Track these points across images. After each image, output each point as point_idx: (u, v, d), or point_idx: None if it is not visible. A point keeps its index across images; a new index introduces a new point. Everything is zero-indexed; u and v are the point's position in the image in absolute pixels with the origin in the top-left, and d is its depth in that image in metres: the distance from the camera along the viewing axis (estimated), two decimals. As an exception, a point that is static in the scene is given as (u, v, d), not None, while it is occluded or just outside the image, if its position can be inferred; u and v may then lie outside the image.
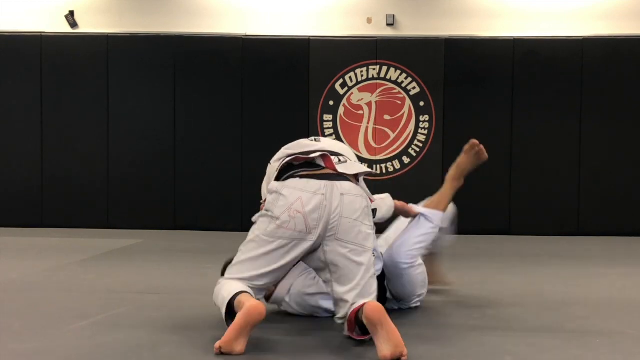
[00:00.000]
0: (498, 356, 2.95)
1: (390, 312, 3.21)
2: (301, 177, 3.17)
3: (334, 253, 3.10)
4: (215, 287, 3.22)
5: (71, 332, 3.29)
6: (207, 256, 6.06)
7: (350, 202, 3.12)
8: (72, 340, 3.15)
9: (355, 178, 3.27)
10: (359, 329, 3.01)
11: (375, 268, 3.26)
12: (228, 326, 3.00)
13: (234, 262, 3.22)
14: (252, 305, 2.88)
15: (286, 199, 3.10)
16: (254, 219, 3.27)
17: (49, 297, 4.14)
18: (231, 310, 3.01)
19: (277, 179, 3.25)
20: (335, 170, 3.21)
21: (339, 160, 3.28)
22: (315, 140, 3.48)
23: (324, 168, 3.23)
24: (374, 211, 3.56)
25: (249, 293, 3.05)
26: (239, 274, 3.15)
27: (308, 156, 3.27)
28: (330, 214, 3.08)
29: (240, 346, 2.86)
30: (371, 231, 3.21)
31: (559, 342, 3.18)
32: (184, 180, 8.10)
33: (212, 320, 3.52)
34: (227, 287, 3.11)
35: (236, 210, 7.93)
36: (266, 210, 3.17)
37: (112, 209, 8.15)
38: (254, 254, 3.14)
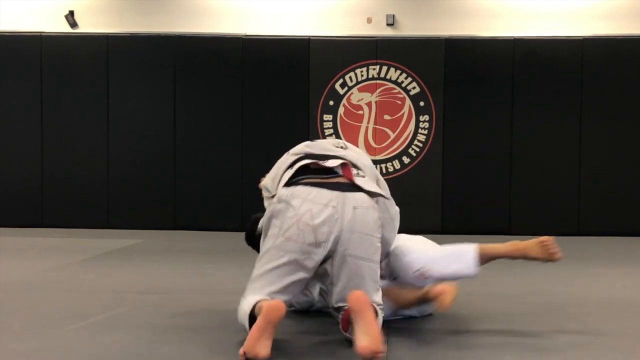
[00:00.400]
0: (498, 356, 2.95)
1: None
2: (313, 184, 3.07)
3: (341, 267, 3.03)
4: (239, 305, 3.11)
5: (71, 332, 3.28)
6: (207, 256, 6.06)
7: (363, 215, 3.04)
8: (72, 340, 3.15)
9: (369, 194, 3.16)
10: (352, 329, 2.95)
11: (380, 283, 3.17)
12: None
13: (252, 276, 3.11)
14: (270, 305, 2.81)
15: (295, 211, 3.01)
16: (260, 223, 3.20)
17: (49, 297, 4.14)
18: (254, 320, 2.89)
19: (289, 180, 3.15)
20: (352, 181, 3.12)
21: (358, 174, 3.19)
22: (342, 147, 3.36)
23: (340, 176, 3.14)
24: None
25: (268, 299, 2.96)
26: (258, 292, 3.04)
27: (326, 163, 3.17)
28: (342, 229, 2.99)
29: (264, 349, 2.74)
30: (380, 244, 3.13)
31: (559, 342, 3.18)
32: (184, 180, 8.10)
33: (212, 320, 3.52)
34: (248, 300, 3.04)
35: (236, 210, 7.93)
36: (275, 218, 3.07)
37: (112, 209, 8.15)
38: (267, 267, 3.05)
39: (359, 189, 3.11)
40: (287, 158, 3.31)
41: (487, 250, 3.45)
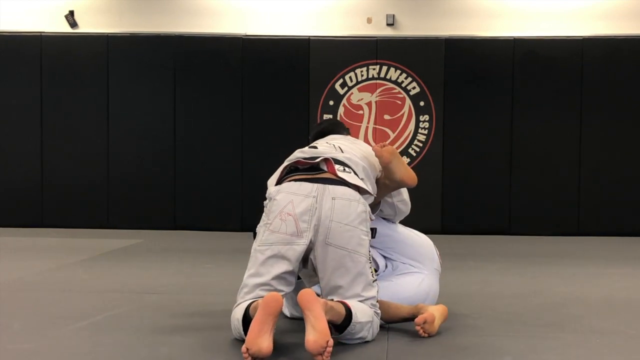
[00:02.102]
0: (498, 356, 2.95)
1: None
2: (296, 180, 3.16)
3: (324, 257, 3.05)
4: (231, 316, 3.09)
5: (71, 332, 3.28)
6: (207, 256, 6.06)
7: (342, 206, 3.08)
8: (71, 340, 3.15)
9: (356, 188, 3.20)
10: (334, 327, 2.93)
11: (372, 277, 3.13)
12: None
13: (241, 285, 3.12)
14: (267, 297, 2.78)
15: (278, 203, 3.09)
16: (257, 229, 3.22)
17: (49, 297, 4.14)
18: (248, 326, 2.85)
19: (280, 180, 3.25)
20: (335, 175, 3.18)
21: (343, 169, 3.24)
22: (336, 148, 3.38)
23: (325, 172, 3.21)
24: (377, 206, 3.52)
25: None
26: (248, 296, 3.04)
27: (311, 161, 3.25)
28: (321, 218, 3.04)
29: (265, 342, 2.71)
30: (366, 237, 3.13)
31: (559, 342, 3.18)
32: (184, 180, 8.10)
33: (212, 320, 3.52)
34: (239, 308, 3.03)
35: (236, 210, 7.93)
36: (264, 215, 3.16)
37: (112, 209, 8.14)
38: (254, 270, 3.07)
39: (343, 183, 3.16)
40: (283, 165, 3.38)
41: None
